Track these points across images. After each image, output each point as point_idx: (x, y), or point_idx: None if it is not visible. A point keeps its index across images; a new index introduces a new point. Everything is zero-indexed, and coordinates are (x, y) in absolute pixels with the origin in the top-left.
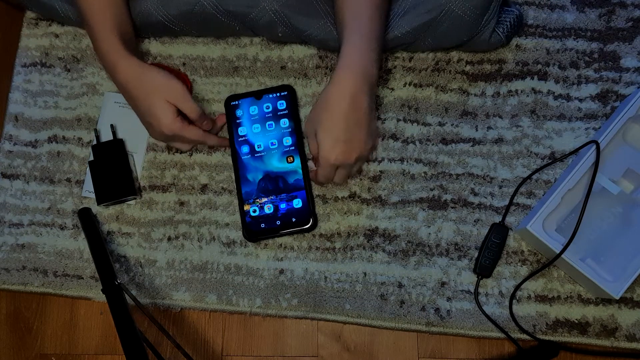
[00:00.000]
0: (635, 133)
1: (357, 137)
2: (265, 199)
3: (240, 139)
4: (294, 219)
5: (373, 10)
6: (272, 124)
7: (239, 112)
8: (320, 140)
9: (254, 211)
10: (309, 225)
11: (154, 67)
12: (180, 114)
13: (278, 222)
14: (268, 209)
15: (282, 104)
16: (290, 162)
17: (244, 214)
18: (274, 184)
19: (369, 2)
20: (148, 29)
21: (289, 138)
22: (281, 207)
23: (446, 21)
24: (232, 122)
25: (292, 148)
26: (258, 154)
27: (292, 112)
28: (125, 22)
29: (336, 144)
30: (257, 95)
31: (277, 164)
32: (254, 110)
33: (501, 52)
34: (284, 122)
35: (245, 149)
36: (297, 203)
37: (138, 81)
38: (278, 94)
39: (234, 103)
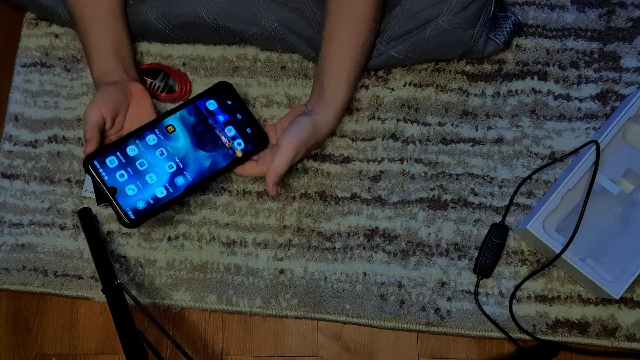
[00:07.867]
0: (635, 133)
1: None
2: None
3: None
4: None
5: (357, 52)
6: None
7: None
8: (281, 156)
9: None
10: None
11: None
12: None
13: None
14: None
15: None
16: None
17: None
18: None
19: (353, 44)
20: (148, 35)
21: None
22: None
23: (435, 36)
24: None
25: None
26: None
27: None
28: (120, 35)
29: (290, 163)
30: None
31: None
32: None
33: (501, 52)
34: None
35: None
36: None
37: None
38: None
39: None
